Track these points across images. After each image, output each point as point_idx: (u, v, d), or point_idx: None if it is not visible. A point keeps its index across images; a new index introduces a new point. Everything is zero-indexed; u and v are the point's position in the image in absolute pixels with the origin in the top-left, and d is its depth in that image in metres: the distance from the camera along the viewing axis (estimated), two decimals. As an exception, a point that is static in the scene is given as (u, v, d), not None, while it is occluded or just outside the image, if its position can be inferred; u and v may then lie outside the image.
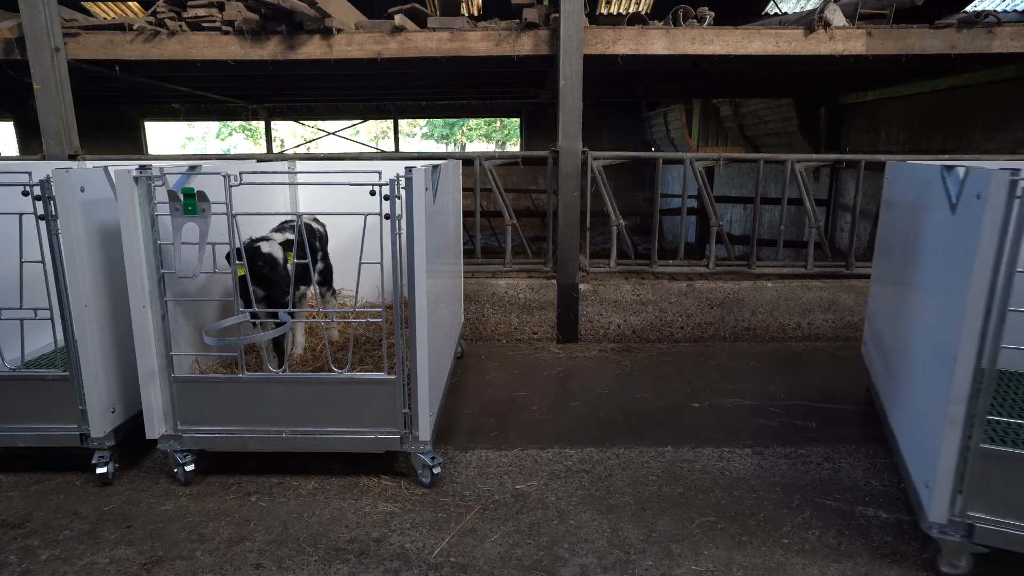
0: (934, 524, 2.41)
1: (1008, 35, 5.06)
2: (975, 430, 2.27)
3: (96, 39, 5.36)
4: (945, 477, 2.35)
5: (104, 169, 3.08)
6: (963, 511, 2.36)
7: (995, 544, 2.36)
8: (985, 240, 2.16)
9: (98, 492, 3.06)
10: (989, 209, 2.14)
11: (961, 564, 2.45)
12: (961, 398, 2.26)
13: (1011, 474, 2.29)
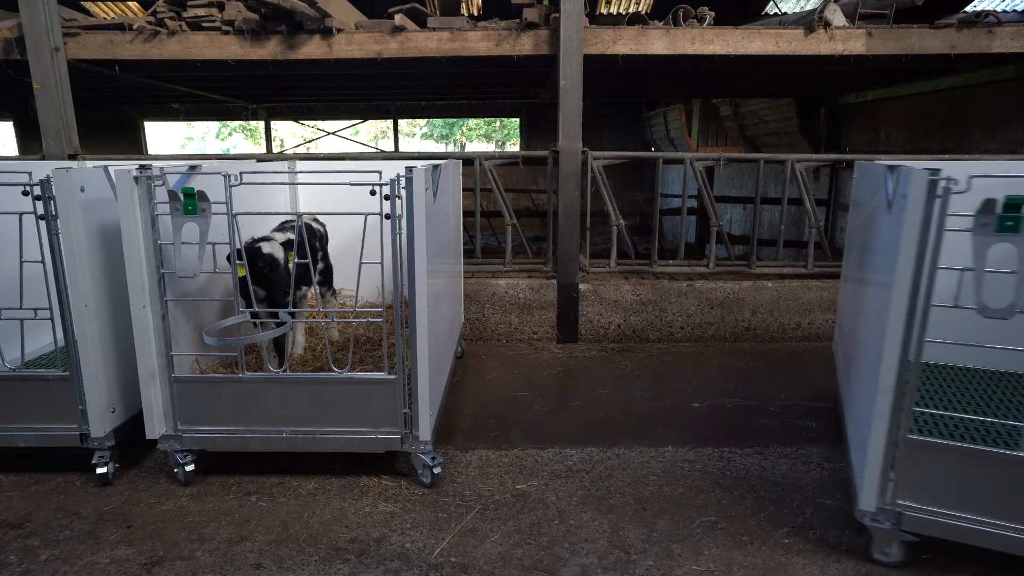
0: (864, 512, 2.49)
1: (1008, 35, 5.06)
2: (903, 421, 2.36)
3: (96, 39, 5.36)
4: (874, 466, 2.43)
5: (104, 169, 3.08)
6: (893, 499, 2.44)
7: (923, 532, 2.44)
8: (907, 238, 2.24)
9: (98, 492, 3.06)
10: (910, 208, 2.22)
11: (892, 551, 2.53)
12: (888, 389, 2.35)
13: (938, 464, 2.37)
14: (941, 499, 2.40)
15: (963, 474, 2.36)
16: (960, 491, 2.37)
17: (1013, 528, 2.32)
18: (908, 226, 2.24)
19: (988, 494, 2.34)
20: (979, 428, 2.71)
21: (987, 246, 2.17)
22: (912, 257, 2.24)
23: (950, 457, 2.37)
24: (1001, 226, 2.12)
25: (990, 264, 2.20)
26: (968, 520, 2.38)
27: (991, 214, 2.14)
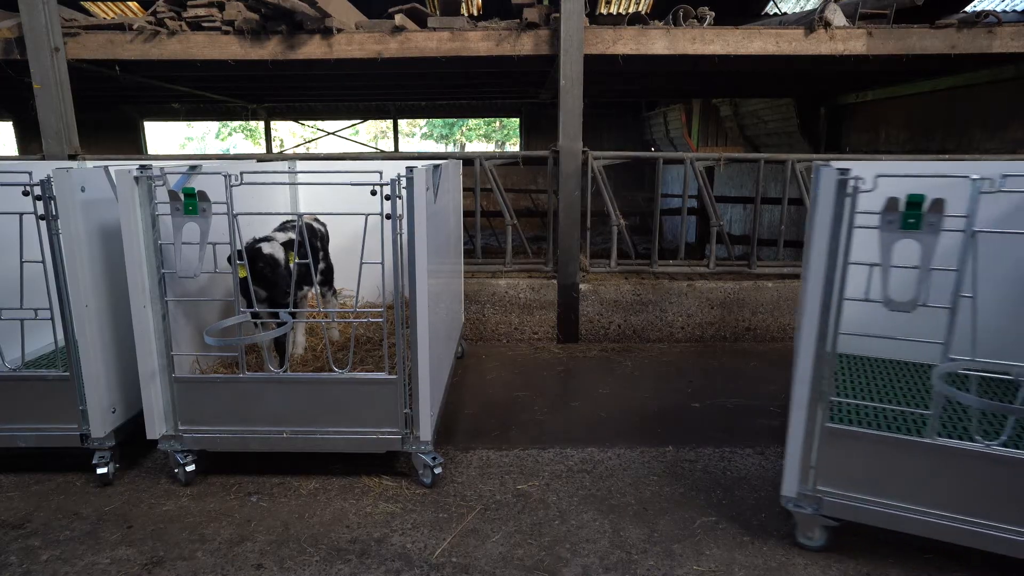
0: (787, 498, 2.60)
1: (1008, 35, 5.06)
2: (820, 410, 2.46)
3: (96, 39, 5.36)
4: (793, 453, 2.53)
5: (104, 169, 3.08)
6: (813, 486, 2.54)
7: (842, 516, 2.54)
8: (818, 234, 2.35)
9: (99, 492, 3.06)
10: (820, 205, 2.34)
11: (815, 536, 2.63)
12: (805, 380, 2.45)
13: (854, 451, 2.47)
14: (858, 485, 2.49)
15: (877, 460, 2.45)
16: (875, 477, 2.47)
17: (924, 512, 2.42)
18: (819, 222, 2.35)
19: (901, 480, 2.44)
20: (896, 416, 2.81)
21: (892, 242, 2.25)
22: (824, 252, 2.35)
23: (865, 444, 2.46)
24: (904, 223, 2.22)
25: (897, 260, 2.27)
26: (883, 505, 2.47)
27: (895, 212, 2.22)
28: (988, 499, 2.34)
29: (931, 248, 2.21)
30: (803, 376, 2.46)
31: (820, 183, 2.32)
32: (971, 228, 2.18)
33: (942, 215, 2.18)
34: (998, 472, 2.29)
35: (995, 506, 2.33)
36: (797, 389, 2.48)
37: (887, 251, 2.26)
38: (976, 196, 2.15)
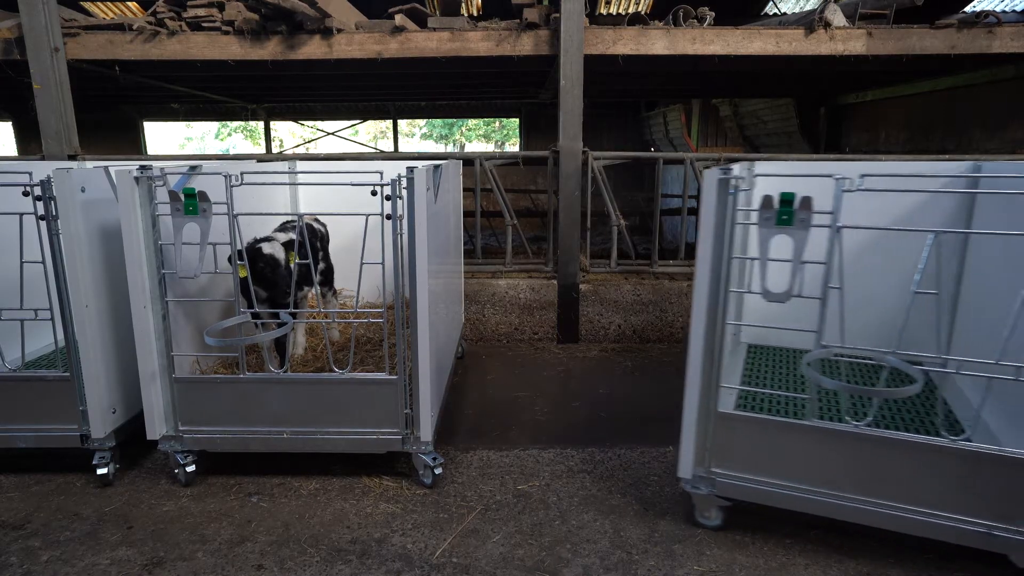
0: (683, 479, 2.74)
1: (1008, 35, 5.06)
2: (712, 395, 2.62)
3: (96, 39, 5.36)
4: (688, 437, 2.67)
5: (105, 169, 3.08)
6: (708, 467, 2.68)
7: (734, 496, 2.69)
8: (704, 229, 2.50)
9: (99, 493, 3.06)
10: (705, 203, 2.48)
11: (711, 515, 2.78)
12: (697, 367, 2.60)
13: (744, 434, 2.62)
14: (748, 466, 2.64)
15: (764, 443, 2.59)
16: (762, 458, 2.61)
17: (807, 490, 2.56)
18: (704, 219, 2.51)
19: (785, 460, 2.58)
20: (786, 401, 3.03)
21: (769, 237, 2.39)
22: (710, 247, 2.51)
23: (752, 428, 2.61)
24: (779, 219, 2.35)
25: (775, 253, 2.39)
26: (771, 484, 2.62)
27: (770, 209, 2.35)
28: (859, 476, 2.50)
29: (802, 243, 2.34)
30: (695, 364, 2.61)
31: (705, 183, 2.50)
32: (836, 224, 2.32)
33: (811, 212, 2.31)
34: (866, 450, 2.46)
35: (866, 482, 2.49)
36: (690, 376, 2.62)
37: (765, 246, 2.39)
38: (839, 195, 2.30)
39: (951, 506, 2.39)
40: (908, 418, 2.97)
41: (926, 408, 3.07)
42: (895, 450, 2.43)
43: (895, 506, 2.46)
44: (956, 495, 2.38)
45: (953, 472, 2.36)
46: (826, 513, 2.57)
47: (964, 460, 2.35)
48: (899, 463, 2.43)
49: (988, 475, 2.33)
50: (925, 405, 3.10)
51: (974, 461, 2.34)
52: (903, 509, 2.45)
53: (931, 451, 2.38)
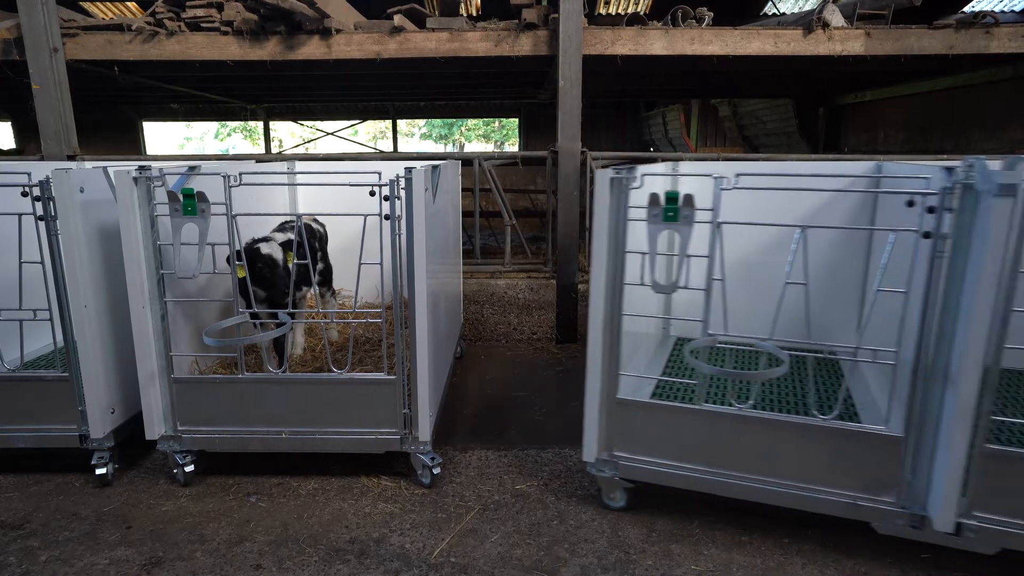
0: (588, 463, 2.87)
1: (1006, 35, 5.07)
2: (611, 383, 2.75)
3: (95, 39, 5.36)
4: (591, 422, 2.82)
5: (103, 170, 3.08)
6: (610, 451, 2.82)
7: (635, 477, 2.83)
8: (598, 226, 2.65)
9: (97, 493, 3.06)
10: (598, 201, 2.63)
11: (616, 497, 2.91)
12: (597, 356, 2.74)
13: (642, 419, 2.76)
14: (646, 449, 2.79)
15: (660, 427, 2.75)
16: (659, 441, 2.76)
17: (699, 470, 2.72)
18: (599, 216, 2.62)
19: (679, 442, 2.74)
20: (683, 387, 3.24)
21: (657, 233, 2.53)
22: (604, 242, 2.64)
23: (649, 413, 2.77)
24: (665, 216, 2.49)
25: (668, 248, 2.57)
26: (667, 466, 2.77)
27: (657, 206, 2.49)
28: (744, 455, 2.66)
29: (687, 237, 2.49)
30: (595, 354, 2.74)
31: (598, 182, 2.60)
32: (716, 220, 2.47)
33: (694, 208, 2.46)
34: (749, 430, 2.62)
35: (750, 460, 2.65)
36: (590, 365, 2.75)
37: (653, 241, 2.53)
38: (719, 193, 2.45)
39: (823, 480, 2.56)
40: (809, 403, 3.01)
41: (828, 393, 3.26)
42: (773, 430, 2.60)
43: (776, 482, 2.62)
44: (827, 470, 2.55)
45: (823, 448, 2.54)
46: (716, 491, 2.71)
47: (831, 437, 2.52)
48: (778, 442, 2.60)
49: (852, 450, 2.50)
50: (828, 390, 3.30)
51: (839, 438, 2.51)
52: (783, 485, 2.61)
53: (803, 429, 2.56)
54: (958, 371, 2.22)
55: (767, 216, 2.60)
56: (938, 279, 2.30)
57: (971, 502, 2.34)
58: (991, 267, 2.11)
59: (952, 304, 2.27)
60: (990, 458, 2.29)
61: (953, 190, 2.23)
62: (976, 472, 2.31)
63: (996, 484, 2.33)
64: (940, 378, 2.33)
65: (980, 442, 2.28)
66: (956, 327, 2.26)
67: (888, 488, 2.48)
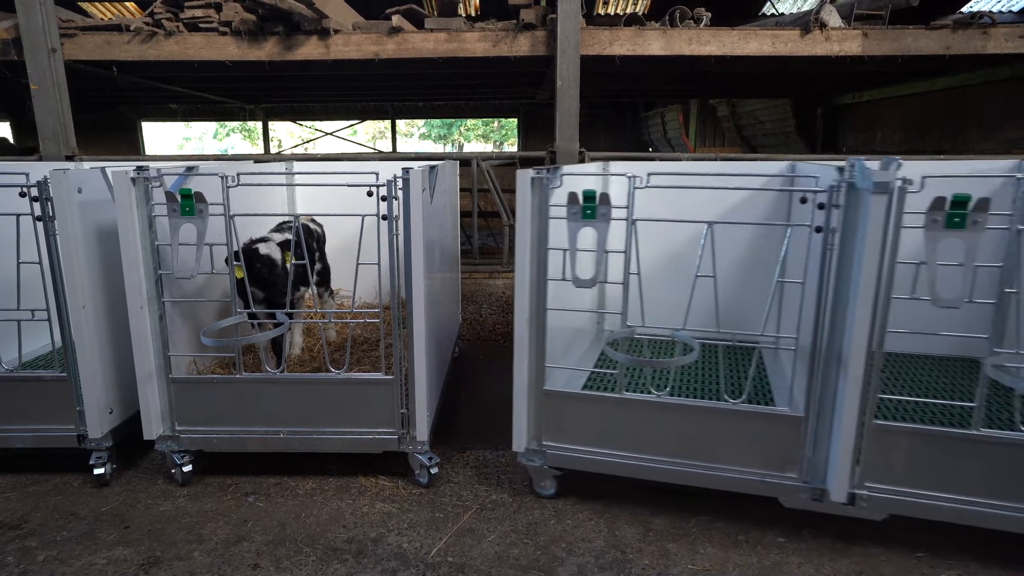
0: (518, 453, 2.95)
1: (1003, 36, 5.08)
2: (538, 375, 2.85)
3: (93, 40, 5.36)
4: (520, 413, 2.91)
5: (101, 170, 3.09)
6: (539, 441, 2.93)
7: (563, 465, 2.94)
8: (522, 225, 2.73)
9: (95, 493, 3.07)
10: (520, 200, 2.68)
11: (547, 485, 3.01)
12: (523, 349, 2.85)
13: (567, 408, 2.89)
14: (572, 437, 2.90)
15: (584, 415, 2.87)
16: (584, 429, 2.88)
17: (620, 455, 2.84)
18: (521, 215, 2.72)
19: (600, 430, 2.85)
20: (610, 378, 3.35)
21: (578, 230, 2.63)
22: (527, 239, 2.73)
23: (573, 402, 2.88)
24: (584, 214, 2.61)
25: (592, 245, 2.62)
26: (591, 452, 2.88)
27: (576, 205, 2.59)
28: (663, 439, 2.79)
29: (604, 235, 2.59)
30: (521, 346, 2.84)
31: (519, 182, 2.65)
32: (631, 217, 2.59)
33: (610, 207, 2.57)
34: (665, 416, 2.78)
35: (669, 444, 2.79)
36: (518, 358, 2.85)
37: (574, 238, 2.62)
38: (632, 191, 2.58)
39: (735, 459, 2.72)
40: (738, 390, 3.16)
41: (744, 379, 3.37)
42: (688, 414, 2.76)
43: (693, 463, 2.77)
44: (737, 450, 2.71)
45: (734, 430, 2.70)
46: (638, 475, 2.84)
47: (740, 419, 2.69)
48: (693, 426, 2.75)
49: (759, 431, 2.66)
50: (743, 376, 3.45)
51: (748, 419, 2.68)
52: (700, 466, 2.76)
53: (715, 413, 2.72)
54: (848, 354, 2.40)
55: (694, 213, 2.76)
56: (829, 270, 2.46)
57: (862, 474, 2.53)
58: (872, 258, 2.29)
59: (842, 293, 2.45)
60: (877, 433, 2.49)
61: (839, 188, 2.41)
62: (866, 446, 2.51)
63: (882, 457, 2.52)
64: (835, 361, 2.50)
65: (869, 419, 2.47)
66: (846, 314, 2.43)
67: (792, 464, 2.66)
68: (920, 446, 2.48)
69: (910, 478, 2.51)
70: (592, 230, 2.62)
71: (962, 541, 2.67)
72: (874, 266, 2.30)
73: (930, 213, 2.26)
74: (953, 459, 2.46)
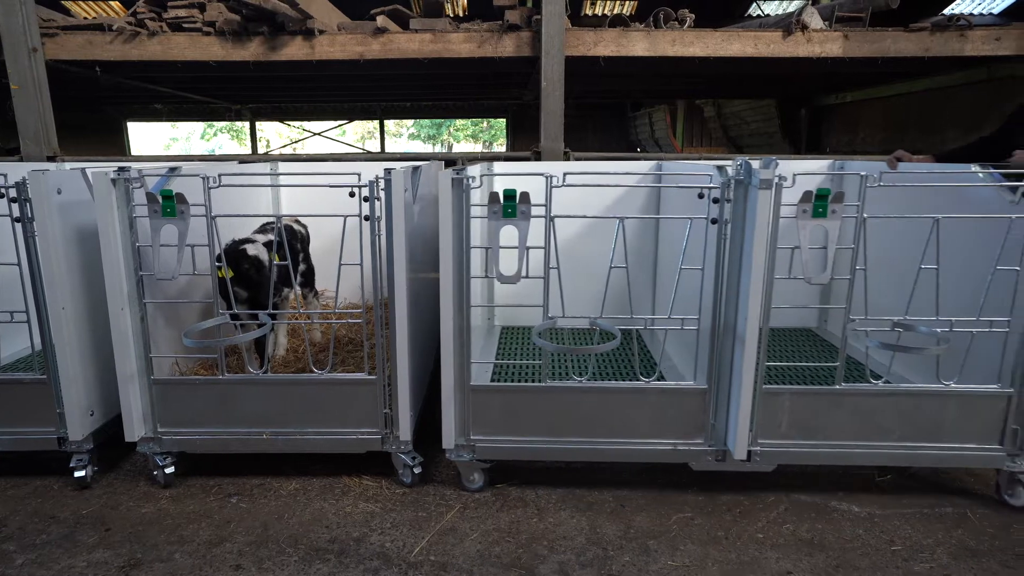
0: (448, 450, 3.01)
1: (979, 38, 5.17)
2: (465, 371, 2.91)
3: (75, 39, 5.32)
4: (448, 410, 2.95)
5: (82, 171, 3.07)
6: (468, 436, 2.99)
7: (492, 457, 3.04)
8: (444, 225, 2.80)
9: (76, 496, 3.05)
10: (441, 200, 2.78)
11: (475, 479, 3.08)
12: (449, 346, 2.88)
13: (494, 402, 2.96)
14: (501, 429, 3.00)
15: (510, 407, 2.97)
16: (511, 420, 2.97)
17: (545, 440, 2.97)
18: (443, 214, 2.77)
19: (528, 419, 2.97)
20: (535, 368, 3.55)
21: (499, 228, 2.74)
22: (450, 238, 2.80)
23: (501, 395, 2.98)
24: (504, 213, 2.69)
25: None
26: (516, 442, 2.98)
27: (497, 203, 2.70)
28: (589, 421, 2.96)
29: (525, 232, 2.70)
30: (447, 344, 2.87)
31: (440, 182, 2.73)
32: (548, 215, 2.71)
33: (530, 205, 2.67)
34: (587, 400, 2.94)
35: (595, 425, 2.95)
36: (444, 355, 2.88)
37: (495, 236, 2.71)
38: (549, 190, 2.70)
39: (651, 433, 2.96)
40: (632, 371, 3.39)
41: (643, 361, 3.71)
42: (610, 395, 2.94)
43: (615, 441, 2.96)
44: (653, 423, 2.95)
45: (648, 406, 2.93)
46: (566, 458, 3.11)
47: (655, 395, 2.93)
48: (614, 406, 2.94)
49: (669, 404, 2.93)
50: (641, 358, 3.75)
51: (660, 395, 2.93)
52: (621, 442, 2.96)
53: (632, 392, 2.94)
54: (744, 331, 2.70)
55: (593, 210, 3.01)
56: (724, 257, 2.75)
57: (756, 433, 2.87)
58: (761, 245, 2.60)
59: (735, 277, 2.76)
60: (766, 396, 2.85)
61: (730, 184, 2.69)
62: (756, 409, 2.84)
63: (770, 416, 2.88)
64: (731, 337, 2.82)
65: (760, 385, 2.81)
66: (739, 295, 2.74)
67: (699, 432, 2.95)
68: (799, 404, 2.89)
69: (792, 431, 2.91)
70: (514, 228, 2.72)
71: (934, 535, 2.73)
72: (763, 252, 2.61)
73: (800, 204, 2.61)
74: (824, 412, 2.89)
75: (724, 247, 2.75)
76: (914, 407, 2.89)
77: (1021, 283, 2.77)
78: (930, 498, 3.02)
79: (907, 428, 2.91)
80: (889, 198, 3.18)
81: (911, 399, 2.90)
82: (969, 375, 2.88)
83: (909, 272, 2.86)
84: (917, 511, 2.91)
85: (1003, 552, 2.63)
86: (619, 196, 4.16)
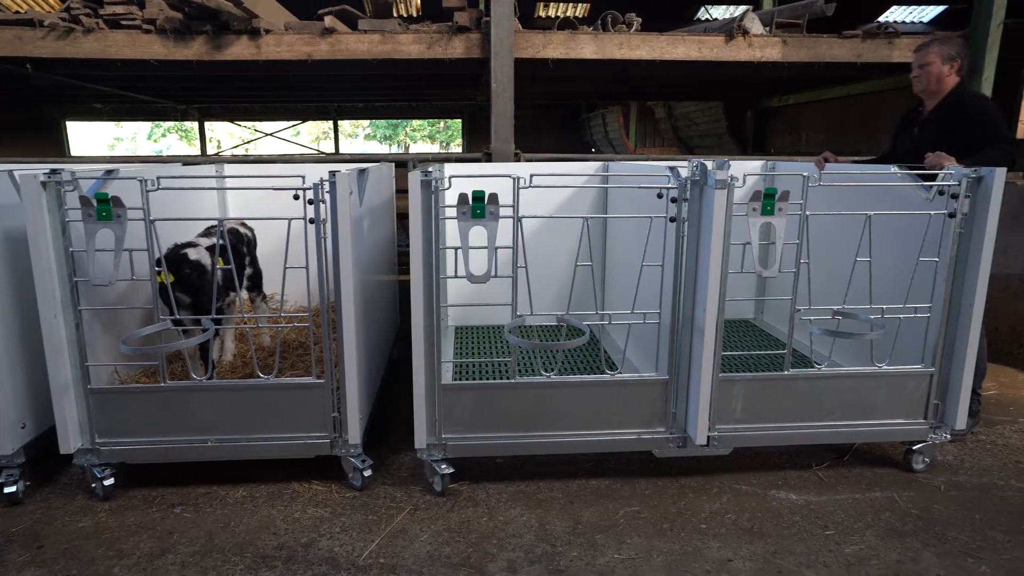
0: (420, 450, 3.04)
1: (906, 46, 5.44)
2: (435, 371, 2.95)
3: (2, 35, 5.09)
4: (420, 411, 2.97)
5: (9, 173, 2.95)
6: (439, 435, 3.04)
7: (462, 455, 3.07)
8: (414, 226, 2.82)
9: (6, 512, 2.92)
10: (412, 202, 2.78)
11: (436, 482, 3.10)
12: (420, 347, 2.91)
13: (466, 400, 3.02)
14: (472, 426, 3.04)
15: (479, 404, 3.02)
16: (480, 417, 3.03)
17: (513, 435, 3.05)
18: (413, 216, 2.78)
19: (498, 416, 3.03)
20: (496, 366, 3.75)
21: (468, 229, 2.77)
22: (419, 240, 2.82)
23: (472, 393, 3.03)
24: (473, 213, 2.73)
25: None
26: (486, 437, 3.05)
27: (466, 205, 2.73)
28: (557, 415, 3.04)
29: (494, 232, 2.75)
30: (418, 344, 2.90)
31: (411, 184, 2.75)
32: (516, 215, 2.78)
33: (499, 206, 2.73)
34: (556, 394, 3.03)
35: (563, 418, 3.05)
36: (415, 356, 2.91)
37: (465, 236, 2.76)
38: (517, 191, 2.75)
39: (616, 423, 3.07)
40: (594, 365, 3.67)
41: (597, 357, 3.76)
42: (575, 389, 3.03)
43: (583, 433, 3.06)
44: (617, 414, 3.06)
45: (613, 398, 3.05)
46: (536, 451, 3.16)
47: (619, 387, 3.04)
48: (582, 399, 3.04)
49: (632, 395, 3.05)
50: (594, 353, 3.86)
51: (623, 387, 3.05)
52: (589, 434, 3.06)
53: (599, 385, 3.04)
54: (703, 323, 2.85)
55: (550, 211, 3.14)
56: (683, 254, 2.89)
57: (713, 420, 3.01)
58: (718, 241, 2.75)
59: (692, 273, 2.91)
60: (722, 384, 3.01)
61: (687, 185, 2.83)
62: (713, 396, 2.97)
63: (726, 403, 3.05)
64: (690, 330, 2.96)
65: (716, 373, 2.95)
66: (697, 290, 2.90)
67: (661, 420, 3.09)
68: (752, 390, 3.06)
69: (744, 416, 3.08)
70: (483, 228, 2.76)
71: (864, 519, 2.87)
72: (720, 248, 2.76)
73: (750, 203, 2.76)
74: (773, 397, 3.09)
75: (683, 244, 2.88)
76: (852, 388, 3.12)
77: (939, 273, 2.97)
78: (862, 484, 3.17)
79: (846, 408, 3.14)
80: (823, 197, 3.33)
81: (850, 381, 3.13)
82: (898, 357, 3.15)
83: (843, 266, 3.09)
84: (849, 497, 3.06)
85: (924, 532, 2.79)
86: (569, 196, 4.27)
